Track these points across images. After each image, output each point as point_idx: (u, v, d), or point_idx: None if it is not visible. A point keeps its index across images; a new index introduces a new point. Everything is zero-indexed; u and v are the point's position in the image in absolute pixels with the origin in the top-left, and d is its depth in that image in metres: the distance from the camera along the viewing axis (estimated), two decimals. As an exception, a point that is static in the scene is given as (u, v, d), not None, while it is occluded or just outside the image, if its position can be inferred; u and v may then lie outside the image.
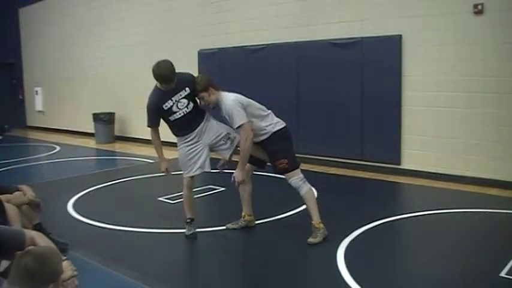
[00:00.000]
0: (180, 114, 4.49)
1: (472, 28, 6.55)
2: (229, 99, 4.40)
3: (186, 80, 4.56)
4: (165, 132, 4.73)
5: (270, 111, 4.61)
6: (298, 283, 3.70)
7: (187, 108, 4.49)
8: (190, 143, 4.55)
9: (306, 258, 4.21)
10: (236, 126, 4.31)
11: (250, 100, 4.51)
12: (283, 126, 4.54)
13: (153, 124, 4.61)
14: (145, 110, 4.60)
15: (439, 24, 6.85)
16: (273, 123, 4.50)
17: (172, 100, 4.45)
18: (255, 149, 4.53)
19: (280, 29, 8.67)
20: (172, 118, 4.51)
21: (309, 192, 4.49)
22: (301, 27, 8.38)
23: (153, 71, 4.39)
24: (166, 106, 4.46)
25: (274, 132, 4.46)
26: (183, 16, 10.42)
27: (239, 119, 4.28)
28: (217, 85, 4.52)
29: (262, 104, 4.63)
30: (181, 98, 4.47)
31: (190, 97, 4.49)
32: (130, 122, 12.05)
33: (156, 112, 4.52)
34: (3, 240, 2.70)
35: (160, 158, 4.73)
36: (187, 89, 4.48)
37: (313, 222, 4.45)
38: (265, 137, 4.45)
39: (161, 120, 4.61)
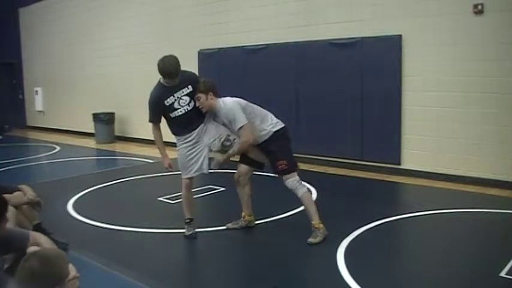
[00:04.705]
0: (181, 111, 4.48)
1: (472, 28, 6.55)
2: (229, 102, 4.45)
3: (190, 78, 4.58)
4: (167, 133, 4.73)
5: (269, 112, 4.61)
6: (298, 283, 3.71)
7: (189, 106, 4.49)
8: (190, 143, 4.54)
9: (306, 258, 4.21)
10: (238, 127, 4.33)
11: (248, 103, 4.53)
12: (282, 126, 4.55)
13: (154, 119, 4.59)
14: (147, 105, 4.60)
15: (439, 24, 6.85)
16: (272, 123, 4.51)
17: (174, 96, 4.45)
18: (254, 151, 4.54)
19: (280, 29, 8.67)
20: (173, 115, 4.50)
21: (306, 193, 4.51)
22: (301, 27, 8.37)
23: (158, 65, 4.39)
24: (167, 102, 4.46)
25: (275, 132, 4.48)
26: (183, 16, 10.42)
27: (240, 120, 4.32)
28: (218, 92, 4.52)
29: (261, 105, 4.64)
30: (184, 95, 4.48)
31: (192, 95, 4.49)
32: (130, 122, 12.05)
33: (157, 107, 4.51)
34: (7, 241, 2.72)
35: (163, 154, 4.70)
36: (189, 87, 4.49)
37: (312, 223, 4.45)
38: (266, 137, 4.45)
39: (162, 118, 4.61)
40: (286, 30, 8.57)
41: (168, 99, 4.45)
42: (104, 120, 11.89)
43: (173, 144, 4.73)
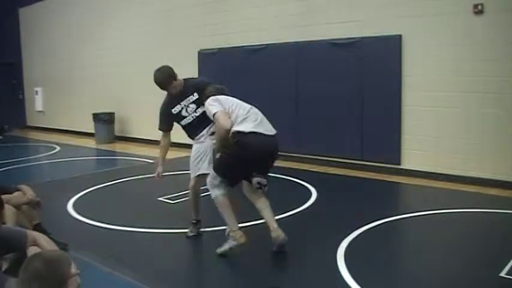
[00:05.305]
0: (189, 119, 4.57)
1: (472, 28, 6.55)
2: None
3: (195, 85, 4.63)
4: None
5: (253, 116, 4.13)
6: (298, 283, 3.70)
7: (196, 112, 4.55)
8: (199, 144, 4.59)
9: (306, 258, 4.20)
10: (211, 116, 4.12)
11: (236, 103, 4.22)
12: (254, 131, 3.99)
13: (163, 128, 4.70)
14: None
15: (439, 24, 6.85)
16: (251, 126, 4.04)
17: (180, 105, 4.55)
18: None
19: (280, 29, 8.67)
20: (183, 123, 4.61)
21: (217, 199, 4.15)
22: (301, 27, 8.37)
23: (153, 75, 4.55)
24: (175, 110, 4.56)
25: (243, 133, 4.01)
26: (183, 16, 10.42)
27: (212, 109, 4.08)
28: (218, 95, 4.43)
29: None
30: (190, 103, 4.55)
31: (198, 102, 4.53)
32: (130, 122, 12.06)
33: (166, 116, 4.63)
34: (4, 241, 2.72)
35: (158, 162, 4.80)
36: (195, 94, 4.55)
37: (227, 229, 4.19)
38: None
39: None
40: (286, 30, 8.57)
41: (175, 108, 4.55)
42: (104, 120, 11.88)
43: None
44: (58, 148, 11.23)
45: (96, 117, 11.94)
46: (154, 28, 11.08)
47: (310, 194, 6.21)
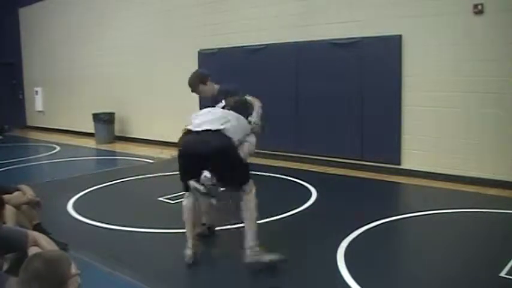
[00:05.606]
0: None
1: (472, 28, 6.56)
2: None
3: (224, 93, 4.76)
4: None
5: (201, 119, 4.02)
6: (298, 283, 3.70)
7: None
8: None
9: (305, 258, 4.21)
10: None
11: (207, 112, 4.20)
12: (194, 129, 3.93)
13: None
14: None
15: (439, 24, 6.85)
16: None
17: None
18: None
19: (280, 29, 8.67)
20: None
21: (182, 207, 4.21)
22: (301, 27, 8.37)
23: None
24: None
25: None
26: (183, 16, 10.42)
27: None
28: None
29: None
30: (220, 108, 4.64)
31: (226, 109, 4.58)
32: (130, 122, 12.05)
33: None
34: (5, 241, 2.72)
35: None
36: (223, 101, 4.65)
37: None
38: None
39: None
40: (286, 30, 8.57)
41: None
42: (104, 120, 11.88)
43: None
44: (58, 148, 11.23)
45: (96, 117, 11.93)
46: (154, 28, 11.08)
47: (310, 194, 6.21)
